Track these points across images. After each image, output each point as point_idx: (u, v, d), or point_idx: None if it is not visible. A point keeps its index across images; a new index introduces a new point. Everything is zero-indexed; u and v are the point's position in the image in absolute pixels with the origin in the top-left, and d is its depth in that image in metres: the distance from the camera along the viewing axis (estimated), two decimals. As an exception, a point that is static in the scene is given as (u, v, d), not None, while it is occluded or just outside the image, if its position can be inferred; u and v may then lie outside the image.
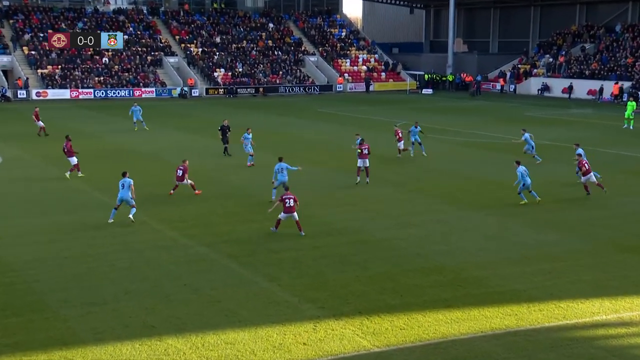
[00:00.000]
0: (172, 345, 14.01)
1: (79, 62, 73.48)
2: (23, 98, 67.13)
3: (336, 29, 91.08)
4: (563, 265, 19.09)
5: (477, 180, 30.55)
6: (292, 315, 15.54)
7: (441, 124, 50.20)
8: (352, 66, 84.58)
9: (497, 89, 79.52)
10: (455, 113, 58.68)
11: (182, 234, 21.89)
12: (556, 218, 23.91)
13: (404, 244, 20.97)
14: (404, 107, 63.64)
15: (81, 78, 71.45)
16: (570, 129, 47.61)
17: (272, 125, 49.82)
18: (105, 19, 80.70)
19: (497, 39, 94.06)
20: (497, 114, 58.26)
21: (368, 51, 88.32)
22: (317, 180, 30.43)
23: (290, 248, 20.50)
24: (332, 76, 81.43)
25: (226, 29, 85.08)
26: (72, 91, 69.50)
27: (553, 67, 77.42)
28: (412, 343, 14.27)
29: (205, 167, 32.44)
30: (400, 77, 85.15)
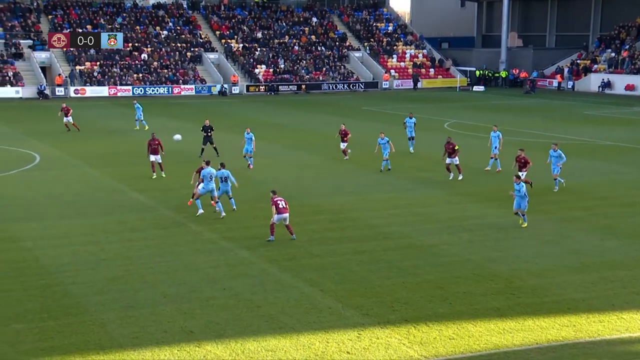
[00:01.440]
0: (211, 351, 14.14)
1: (117, 59, 74.75)
2: (61, 95, 68.57)
3: (382, 23, 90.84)
4: (626, 274, 18.69)
5: (533, 183, 30.11)
6: (335, 322, 15.54)
7: (493, 122, 49.63)
8: (399, 62, 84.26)
9: (554, 85, 78.33)
10: (509, 111, 57.99)
11: (221, 236, 22.09)
12: (617, 224, 23.44)
13: (454, 250, 20.79)
14: (453, 105, 63.15)
15: (119, 75, 72.67)
16: (635, 129, 46.60)
17: (314, 124, 49.93)
18: (144, 14, 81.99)
19: (554, 33, 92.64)
20: (554, 112, 57.40)
21: (416, 46, 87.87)
22: (360, 182, 30.38)
23: (332, 252, 20.50)
24: (378, 73, 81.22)
25: (268, 24, 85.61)
26: (111, 88, 70.74)
27: (615, 63, 75.91)
28: (462, 354, 14.13)
29: (246, 168, 32.66)
30: (450, 74, 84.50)
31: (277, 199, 21.38)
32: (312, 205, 26.32)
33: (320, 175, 32.00)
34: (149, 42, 78.43)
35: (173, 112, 57.53)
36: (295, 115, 55.56)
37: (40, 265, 19.33)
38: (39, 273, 18.62)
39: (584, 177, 30.87)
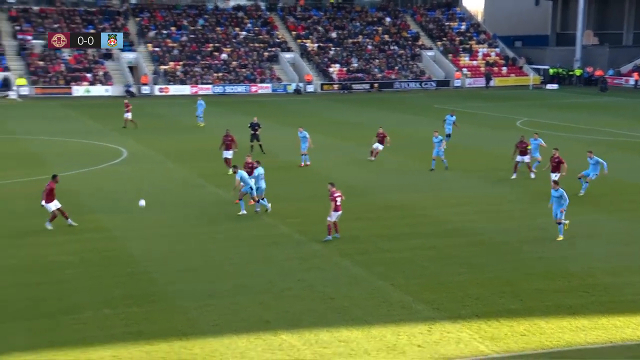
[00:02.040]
0: (286, 340, 14.30)
1: (199, 59, 76.23)
2: (146, 94, 70.43)
3: (455, 22, 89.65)
4: (703, 274, 17.95)
5: (609, 182, 29.21)
6: (406, 316, 15.47)
7: (567, 121, 48.37)
8: (471, 60, 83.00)
9: (630, 84, 75.65)
10: (583, 110, 56.38)
11: (295, 230, 22.27)
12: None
13: (525, 247, 20.38)
14: (526, 104, 61.82)
15: (200, 74, 74.10)
16: None
17: (386, 122, 49.70)
18: (224, 16, 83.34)
19: (632, 31, 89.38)
20: (630, 110, 55.44)
21: (489, 45, 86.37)
22: (430, 179, 30.10)
23: (404, 248, 20.39)
24: (450, 71, 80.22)
25: (342, 24, 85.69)
26: (192, 87, 72.23)
27: (694, 60, 72.81)
28: (534, 350, 13.86)
29: (322, 165, 32.83)
30: (523, 72, 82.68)
31: (337, 194, 20.90)
32: (382, 201, 26.24)
33: (390, 173, 31.85)
34: (229, 42, 79.65)
35: (249, 109, 58.26)
36: (368, 113, 55.44)
37: (127, 254, 19.93)
38: (125, 262, 19.21)
39: None
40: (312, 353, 13.76)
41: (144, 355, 13.59)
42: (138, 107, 60.89)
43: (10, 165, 32.89)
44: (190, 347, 13.94)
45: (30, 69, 69.67)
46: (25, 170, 31.17)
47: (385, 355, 13.69)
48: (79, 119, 47.83)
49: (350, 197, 26.80)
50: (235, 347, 13.96)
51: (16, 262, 19.02)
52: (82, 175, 30.92)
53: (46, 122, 49.58)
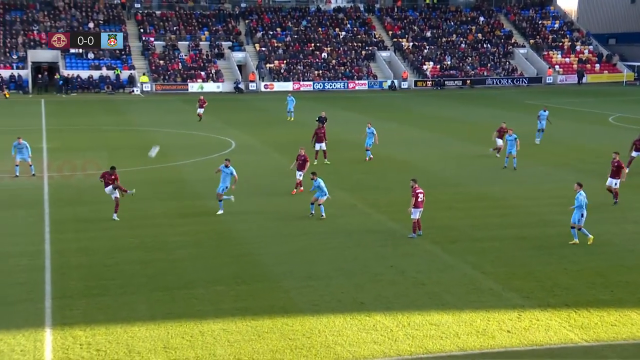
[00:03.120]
0: (380, 321, 14.27)
1: (301, 57, 77.01)
2: (253, 90, 71.85)
3: (549, 20, 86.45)
4: None
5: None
6: (495, 303, 15.11)
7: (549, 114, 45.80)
8: (564, 58, 79.86)
9: None
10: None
11: (389, 218, 22.15)
12: None
13: (617, 240, 19.49)
14: (618, 99, 58.97)
15: (302, 72, 74.85)
16: None
17: (477, 117, 48.61)
18: (326, 17, 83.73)
19: None
20: None
21: (582, 42, 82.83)
22: (522, 172, 29.21)
23: (494, 237, 19.91)
24: (542, 68, 77.50)
25: (437, 24, 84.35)
26: (295, 83, 73.06)
27: None
28: (625, 340, 13.25)
29: (413, 157, 32.51)
30: (617, 69, 78.86)
31: (418, 190, 19.94)
32: (474, 192, 25.71)
33: (482, 165, 31.14)
34: (329, 42, 79.96)
35: (346, 104, 58.33)
36: (460, 109, 54.39)
37: (234, 237, 20.41)
38: (233, 244, 19.67)
39: None
40: (405, 334, 13.66)
41: (249, 329, 13.89)
42: (246, 102, 62.25)
43: (131, 155, 34.21)
44: (291, 324, 14.14)
45: (152, 68, 72.38)
46: (146, 160, 32.38)
47: (475, 339, 13.43)
48: (194, 113, 49.23)
49: (442, 188, 26.45)
50: (332, 326, 14.05)
51: (138, 241, 19.83)
52: (196, 164, 31.88)
53: (166, 115, 51.40)
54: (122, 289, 16.05)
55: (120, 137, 40.71)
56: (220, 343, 13.31)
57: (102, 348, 13.08)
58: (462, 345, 13.19)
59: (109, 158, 31.35)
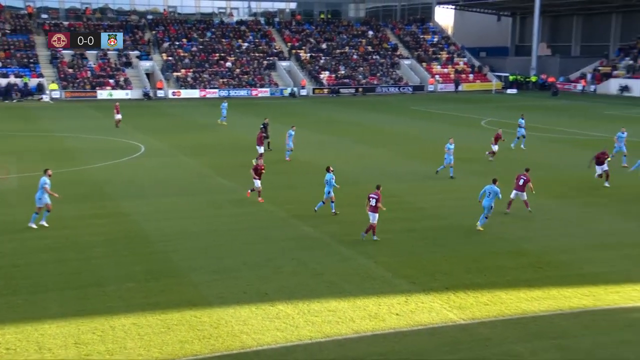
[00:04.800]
0: (282, 310, 14.29)
1: (207, 66, 75.90)
2: (161, 97, 70.06)
3: (429, 35, 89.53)
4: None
5: (560, 172, 29.34)
6: (386, 289, 15.49)
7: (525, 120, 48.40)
8: (442, 68, 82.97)
9: (578, 89, 75.86)
10: (538, 111, 56.44)
11: (290, 215, 22.22)
12: (634, 209, 22.57)
13: (489, 229, 20.41)
14: (489, 106, 61.88)
15: (208, 80, 73.81)
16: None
17: (370, 121, 49.67)
18: (229, 29, 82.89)
19: (579, 43, 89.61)
20: (578, 112, 55.57)
21: (458, 55, 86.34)
22: (410, 170, 30.10)
23: (387, 230, 20.36)
24: (424, 77, 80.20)
25: (331, 36, 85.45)
26: (201, 91, 71.94)
27: (633, 69, 73.00)
28: (495, 317, 13.91)
29: (314, 158, 32.76)
30: (487, 78, 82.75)
31: (371, 194, 19.17)
32: (370, 189, 26.17)
33: (378, 165, 31.83)
34: (233, 52, 79.25)
35: (251, 110, 58.07)
36: (354, 113, 55.37)
37: (145, 235, 19.83)
38: (144, 242, 19.12)
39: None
40: (305, 321, 13.76)
41: (159, 322, 13.55)
42: (154, 108, 60.63)
43: (43, 159, 32.62)
44: (199, 316, 13.91)
45: (61, 76, 69.11)
46: (58, 163, 30.94)
47: (368, 322, 13.71)
48: (103, 119, 47.47)
49: (343, 186, 26.80)
50: (238, 316, 13.94)
51: (50, 242, 18.90)
52: (106, 168, 30.75)
53: (76, 121, 49.23)
54: (34, 288, 15.25)
55: (31, 141, 38.63)
56: (130, 337, 12.91)
57: (11, 347, 12.37)
58: (356, 328, 13.43)
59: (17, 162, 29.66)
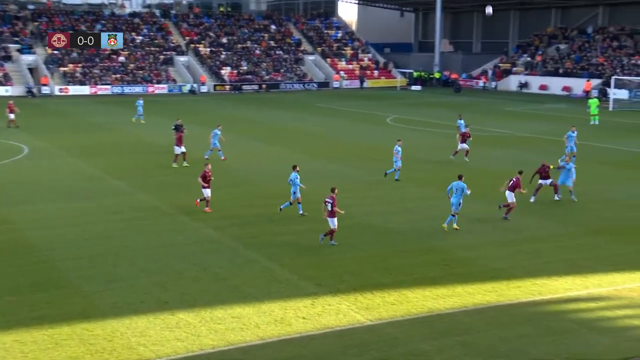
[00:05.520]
0: (183, 318, 14.02)
1: (97, 61, 73.24)
2: (47, 94, 66.87)
3: (333, 30, 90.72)
4: (541, 246, 19.12)
5: (465, 169, 30.53)
6: (292, 292, 15.55)
7: (429, 117, 50.15)
8: (347, 64, 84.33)
9: (480, 86, 79.37)
10: (442, 107, 58.57)
11: (192, 218, 21.86)
12: (533, 205, 23.84)
13: (397, 228, 20.95)
14: (395, 102, 63.56)
15: (99, 75, 71.23)
16: (547, 123, 47.51)
17: (274, 119, 49.71)
18: (121, 21, 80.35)
19: (480, 40, 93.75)
20: (480, 108, 58.15)
21: (362, 51, 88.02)
22: (316, 169, 30.37)
23: (291, 232, 20.47)
24: (329, 74, 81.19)
25: (232, 31, 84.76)
26: (92, 87, 69.33)
27: (531, 66, 77.25)
28: (402, 317, 14.29)
29: (213, 158, 32.35)
30: (392, 75, 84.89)
31: (326, 198, 18.88)
32: (274, 189, 26.23)
33: (280, 163, 31.86)
34: (126, 46, 76.79)
35: (149, 108, 56.54)
36: (257, 111, 55.23)
37: (31, 244, 18.89)
38: (29, 252, 18.20)
39: (504, 164, 31.24)
40: (207, 329, 13.57)
41: (46, 338, 12.93)
42: (39, 106, 57.77)
43: None
44: (91, 329, 13.40)
45: None
46: None
47: (274, 327, 13.72)
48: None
49: (244, 186, 26.67)
50: (135, 327, 13.55)
51: None
52: (-17, 171, 28.97)
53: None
54: None
55: None
56: (12, 355, 12.24)
57: None
58: (261, 334, 13.40)
59: None
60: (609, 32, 75.66)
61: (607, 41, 74.07)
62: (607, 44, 73.62)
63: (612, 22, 77.80)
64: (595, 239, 19.79)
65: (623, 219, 21.89)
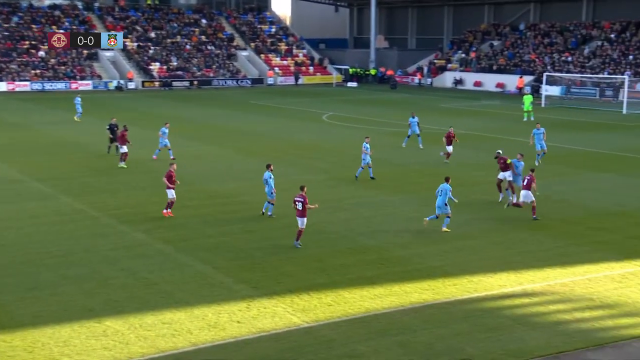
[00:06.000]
0: (110, 326, 13.70)
1: (14, 56, 70.66)
2: (-41, 90, 64.09)
3: (266, 25, 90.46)
4: (475, 243, 19.60)
5: (400, 167, 31.02)
6: (226, 296, 15.43)
7: (365, 114, 50.69)
8: (282, 60, 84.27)
9: (416, 82, 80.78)
10: (378, 104, 59.32)
11: (119, 221, 21.38)
12: (470, 200, 24.42)
13: (332, 227, 21.09)
14: (331, 99, 63.94)
15: (17, 71, 68.74)
16: (481, 119, 48.79)
17: (206, 117, 49.18)
18: (40, 14, 77.74)
19: (415, 36, 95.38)
20: (416, 105, 59.16)
21: (297, 46, 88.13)
22: (251, 169, 30.22)
23: (225, 233, 20.31)
24: (263, 70, 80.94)
25: (160, 25, 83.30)
26: (9, 84, 66.85)
27: (465, 62, 79.15)
28: (339, 318, 14.40)
29: (143, 157, 31.75)
30: (327, 71, 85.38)
31: (296, 197, 18.70)
32: (206, 190, 25.97)
33: (214, 163, 31.58)
34: (46, 40, 74.35)
35: (71, 105, 54.98)
36: (188, 108, 54.50)
37: (-59, 253, 18.03)
38: (-61, 261, 17.37)
39: (440, 161, 31.86)
40: (136, 336, 13.31)
41: (-39, 353, 12.40)
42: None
43: None
44: (9, 340, 12.92)
45: None
46: None
47: (207, 333, 13.58)
48: None
49: (176, 187, 26.21)
50: (58, 337, 13.15)
51: None
52: None
53: None
54: None
55: None
56: None
57: None
58: (194, 340, 13.24)
59: None
60: (540, 29, 78.35)
61: (539, 38, 76.68)
62: (539, 40, 76.22)
63: (543, 18, 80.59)
64: (527, 235, 20.43)
65: (553, 214, 22.67)
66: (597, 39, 71.83)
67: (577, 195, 24.89)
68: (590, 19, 75.87)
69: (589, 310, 14.88)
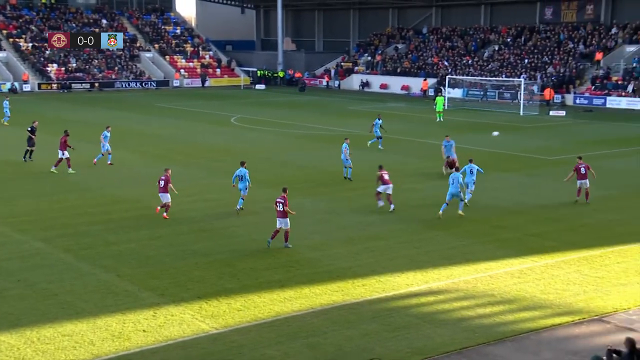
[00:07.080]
0: (4, 341, 13.04)
1: None
2: None
3: (170, 26, 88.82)
4: (383, 243, 19.98)
5: (308, 169, 31.21)
6: (131, 304, 15.03)
7: (274, 117, 50.69)
8: (188, 62, 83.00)
9: (324, 85, 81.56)
10: (286, 107, 59.46)
11: (15, 229, 20.40)
12: (373, 201, 24.81)
13: (241, 231, 20.95)
14: (238, 102, 63.56)
15: None
16: (389, 121, 49.80)
17: (109, 121, 47.68)
18: None
19: (322, 39, 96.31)
20: (324, 108, 59.76)
21: (202, 48, 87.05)
22: (155, 173, 29.54)
23: (130, 240, 19.77)
24: (169, 72, 79.43)
25: (57, 24, 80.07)
26: None
27: (371, 65, 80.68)
28: (249, 323, 14.32)
29: (44, 163, 30.42)
30: (235, 73, 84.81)
31: (278, 199, 19.30)
32: (110, 195, 25.20)
33: (118, 168, 30.64)
34: None
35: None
36: (88, 112, 52.70)
37: None
38: None
39: (354, 164, 32.22)
40: (34, 350, 12.72)
41: None
42: None
43: None
44: None
45: None
46: None
47: (111, 343, 13.16)
48: None
49: (77, 193, 25.31)
50: (-52, 356, 12.39)
51: None
52: None
53: None
54: None
55: None
56: None
57: None
58: (96, 352, 12.81)
59: None
60: (442, 33, 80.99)
61: (441, 42, 79.25)
62: (441, 44, 78.76)
63: (445, 23, 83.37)
64: (433, 234, 21.04)
65: (455, 212, 23.43)
66: (495, 43, 75.00)
67: (482, 195, 25.86)
68: (488, 24, 79.12)
69: (490, 306, 15.48)
